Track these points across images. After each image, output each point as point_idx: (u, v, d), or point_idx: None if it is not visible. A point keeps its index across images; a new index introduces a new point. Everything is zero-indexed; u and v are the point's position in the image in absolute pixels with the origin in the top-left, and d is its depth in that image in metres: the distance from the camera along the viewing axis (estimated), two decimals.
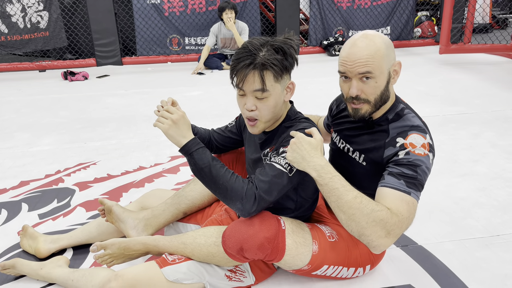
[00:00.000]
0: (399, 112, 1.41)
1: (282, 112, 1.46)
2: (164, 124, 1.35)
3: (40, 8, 5.78)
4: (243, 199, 1.30)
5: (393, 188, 1.29)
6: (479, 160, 2.60)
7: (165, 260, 1.46)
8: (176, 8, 6.05)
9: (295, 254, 1.38)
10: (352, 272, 1.52)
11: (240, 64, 1.31)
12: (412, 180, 1.29)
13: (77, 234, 1.82)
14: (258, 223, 1.33)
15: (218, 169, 1.32)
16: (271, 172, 1.33)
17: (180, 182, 2.43)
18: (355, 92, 1.35)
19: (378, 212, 1.24)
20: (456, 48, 5.35)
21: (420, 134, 1.34)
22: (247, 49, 1.31)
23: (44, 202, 2.25)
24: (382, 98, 1.37)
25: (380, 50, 1.31)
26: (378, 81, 1.33)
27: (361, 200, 1.25)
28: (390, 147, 1.35)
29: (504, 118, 3.33)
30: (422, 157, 1.31)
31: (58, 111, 3.91)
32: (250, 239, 1.31)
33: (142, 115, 3.71)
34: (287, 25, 6.19)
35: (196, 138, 1.36)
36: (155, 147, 2.97)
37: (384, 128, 1.40)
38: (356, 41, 1.34)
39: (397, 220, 1.25)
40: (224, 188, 1.31)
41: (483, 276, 1.60)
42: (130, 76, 5.33)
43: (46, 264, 1.63)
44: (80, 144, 3.08)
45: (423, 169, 1.30)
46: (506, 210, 2.05)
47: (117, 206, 1.69)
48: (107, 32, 5.86)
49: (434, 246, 1.79)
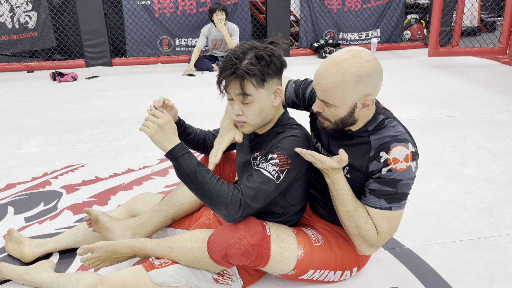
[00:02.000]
0: (379, 124, 1.39)
1: (273, 116, 1.46)
2: (150, 128, 1.35)
3: (28, 8, 5.72)
4: (228, 205, 1.30)
5: (373, 207, 1.39)
6: (466, 163, 2.63)
7: (152, 264, 1.45)
8: (166, 9, 6.03)
9: (280, 260, 1.39)
10: (339, 275, 1.52)
11: (223, 74, 1.36)
12: (392, 195, 1.37)
13: (63, 238, 1.80)
14: (243, 229, 1.34)
15: (203, 175, 1.32)
16: (258, 179, 1.34)
17: (169, 184, 2.42)
18: (315, 108, 1.38)
19: (362, 231, 1.39)
20: (445, 51, 5.40)
21: (402, 145, 1.33)
22: (230, 59, 1.35)
23: (30, 205, 2.23)
24: (344, 122, 1.35)
25: (346, 82, 1.26)
26: (336, 110, 1.32)
27: (352, 214, 1.39)
28: (375, 161, 1.36)
29: (491, 120, 3.37)
30: (404, 171, 1.34)
31: (46, 113, 3.87)
32: (234, 246, 1.32)
33: (132, 117, 3.69)
34: (277, 27, 6.20)
35: (182, 144, 1.36)
36: (144, 149, 2.95)
37: (366, 140, 1.39)
38: (329, 63, 1.29)
39: (379, 239, 1.41)
40: (209, 194, 1.32)
41: (469, 279, 1.62)
42: (120, 77, 5.30)
43: (31, 268, 1.61)
44: (68, 146, 3.06)
45: (404, 183, 1.36)
46: (492, 212, 2.08)
47: (103, 215, 1.67)
48: (97, 33, 5.82)
49: (421, 249, 1.80)
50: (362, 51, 1.29)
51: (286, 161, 1.36)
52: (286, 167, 1.36)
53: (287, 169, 1.36)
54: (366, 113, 1.36)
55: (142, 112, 3.81)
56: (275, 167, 1.35)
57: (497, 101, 3.87)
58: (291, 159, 1.37)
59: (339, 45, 6.40)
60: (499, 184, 2.35)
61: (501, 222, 1.99)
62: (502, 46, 5.26)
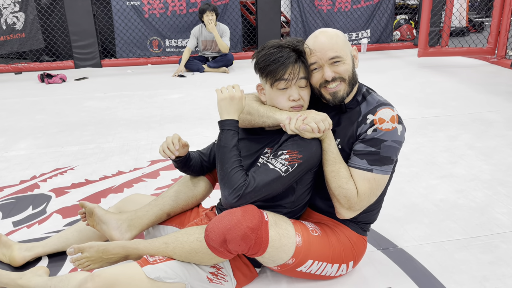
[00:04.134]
0: (365, 93, 1.53)
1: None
2: (223, 93, 1.48)
3: (16, 9, 5.63)
4: (231, 190, 1.39)
5: (355, 167, 1.44)
6: (457, 162, 2.64)
7: (146, 260, 1.43)
8: (156, 10, 5.98)
9: (278, 246, 1.39)
10: (336, 269, 1.52)
11: (286, 62, 1.44)
12: (374, 156, 1.42)
13: (53, 241, 1.77)
14: (241, 214, 1.35)
15: (232, 156, 1.42)
16: (264, 172, 1.40)
17: (160, 187, 2.40)
18: (330, 74, 1.45)
19: (344, 190, 1.43)
20: (434, 51, 5.43)
21: (388, 108, 1.45)
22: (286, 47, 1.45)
23: (18, 209, 2.18)
24: (354, 77, 1.49)
25: (339, 36, 1.47)
26: (346, 62, 1.46)
27: (334, 174, 1.44)
28: (362, 125, 1.45)
29: (481, 120, 3.39)
30: (389, 132, 1.42)
31: (34, 115, 3.81)
32: (233, 229, 1.31)
33: (122, 119, 3.65)
34: (268, 28, 6.19)
35: (237, 121, 1.47)
36: (134, 151, 2.92)
37: (356, 110, 1.50)
38: (318, 35, 1.48)
39: (358, 199, 1.43)
40: (225, 172, 1.41)
41: (462, 278, 1.62)
42: (110, 79, 5.25)
43: (25, 273, 1.59)
44: (57, 148, 3.01)
45: (388, 145, 1.41)
46: (483, 211, 2.09)
47: (98, 208, 1.65)
48: (86, 34, 5.75)
49: (414, 249, 1.80)
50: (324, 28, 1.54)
51: (296, 156, 1.41)
52: (296, 161, 1.41)
53: (297, 163, 1.41)
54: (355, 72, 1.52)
55: (132, 114, 3.78)
56: (284, 161, 1.41)
57: (487, 101, 3.90)
58: (302, 154, 1.42)
59: None
60: (490, 183, 2.37)
61: (493, 221, 2.00)
62: (491, 46, 5.31)
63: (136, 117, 3.68)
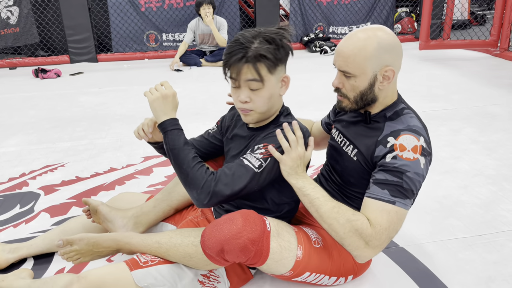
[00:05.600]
0: (398, 111, 1.37)
1: (276, 109, 1.41)
2: (153, 94, 1.36)
3: (10, 3, 5.54)
4: (198, 189, 1.27)
5: (376, 198, 1.28)
6: (460, 157, 2.56)
7: (137, 262, 1.34)
8: (153, 3, 5.89)
9: (278, 259, 1.28)
10: (333, 280, 1.43)
11: (232, 58, 1.29)
12: (397, 187, 1.26)
13: (37, 242, 1.70)
14: (242, 222, 1.21)
15: (186, 154, 1.31)
16: (237, 167, 1.30)
17: (153, 184, 2.32)
18: (335, 83, 1.36)
19: (353, 222, 1.26)
20: (436, 44, 5.34)
21: (413, 135, 1.29)
22: (239, 42, 1.29)
23: (5, 208, 2.11)
24: (364, 98, 1.34)
25: (366, 50, 1.27)
26: (357, 81, 1.31)
27: (338, 210, 1.28)
28: (381, 146, 1.31)
29: (484, 113, 3.31)
30: (410, 162, 1.26)
31: (27, 110, 3.73)
32: (232, 240, 1.19)
33: (116, 114, 3.57)
34: (267, 21, 6.09)
35: (176, 119, 1.36)
36: (128, 147, 2.84)
37: (380, 126, 1.36)
38: (350, 36, 1.32)
39: (373, 231, 1.26)
40: (185, 173, 1.30)
41: (467, 279, 1.54)
42: (105, 74, 5.15)
43: (8, 276, 1.52)
44: (48, 145, 2.93)
45: (409, 176, 1.26)
46: (488, 208, 2.01)
47: (103, 206, 1.59)
48: (81, 28, 5.66)
49: (416, 248, 1.72)
50: (383, 27, 1.33)
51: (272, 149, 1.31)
52: (270, 155, 1.31)
53: (271, 158, 1.31)
54: (387, 91, 1.36)
55: (127, 109, 3.69)
56: (259, 155, 1.30)
57: (490, 94, 3.81)
58: (279, 147, 1.31)
59: (329, 39, 6.31)
60: (494, 178, 2.28)
61: (498, 219, 1.92)
62: (493, 38, 5.21)
63: (131, 112, 3.60)
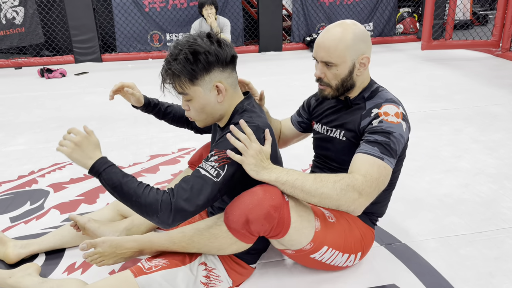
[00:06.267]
0: (374, 90, 1.51)
1: (225, 111, 1.41)
2: (67, 148, 1.29)
3: (15, 4, 5.60)
4: (158, 212, 1.21)
5: (366, 153, 1.37)
6: (461, 156, 2.60)
7: (141, 269, 1.38)
8: (156, 4, 5.93)
9: (300, 228, 1.33)
10: (345, 259, 1.49)
11: (161, 72, 1.36)
12: (385, 146, 1.37)
13: (48, 238, 1.74)
14: (262, 192, 1.26)
15: (129, 186, 1.24)
16: (194, 180, 1.26)
17: (160, 181, 2.36)
18: (317, 74, 1.48)
19: (341, 181, 1.30)
20: (438, 44, 5.37)
21: (393, 105, 1.43)
22: (166, 59, 1.34)
23: (16, 205, 2.15)
24: (344, 84, 1.47)
25: (345, 40, 1.41)
26: (339, 69, 1.44)
27: (321, 179, 1.31)
28: (366, 118, 1.44)
29: (486, 113, 3.34)
30: (395, 125, 1.39)
31: (33, 110, 3.78)
32: (255, 208, 1.24)
33: (121, 113, 3.61)
34: (269, 21, 6.13)
35: (104, 158, 1.29)
36: (134, 146, 2.89)
37: (361, 106, 1.49)
38: (328, 29, 1.45)
39: (363, 180, 1.31)
40: (138, 204, 1.23)
41: (468, 274, 1.58)
42: (110, 74, 5.20)
43: (15, 272, 1.55)
44: (55, 143, 2.93)
45: (395, 136, 1.38)
46: (489, 206, 2.04)
47: (90, 222, 1.61)
48: (86, 28, 5.71)
49: (418, 244, 1.76)
50: (352, 20, 1.47)
51: (224, 155, 1.28)
52: (225, 161, 1.27)
53: (227, 164, 1.27)
54: (363, 77, 1.49)
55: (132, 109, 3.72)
56: (214, 163, 1.27)
57: (491, 94, 3.84)
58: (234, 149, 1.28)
59: None
60: (495, 177, 2.32)
61: (499, 216, 1.95)
62: (495, 38, 5.24)
63: (136, 112, 3.62)
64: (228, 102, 1.39)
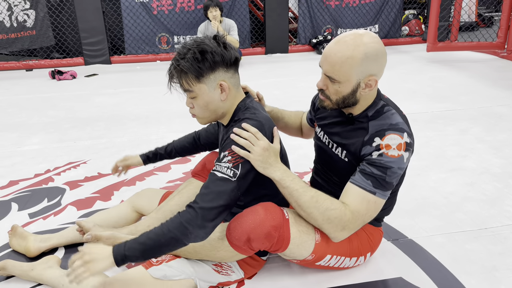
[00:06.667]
0: (379, 109, 1.42)
1: (227, 109, 1.46)
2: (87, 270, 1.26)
3: (26, 7, 5.70)
4: (188, 229, 1.26)
5: (359, 186, 1.37)
6: (467, 156, 2.64)
7: (150, 262, 1.47)
8: (164, 7, 6.02)
9: (299, 243, 1.40)
10: (354, 261, 1.55)
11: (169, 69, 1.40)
12: (379, 180, 1.35)
13: (67, 233, 1.81)
14: (263, 213, 1.34)
15: (150, 238, 1.27)
16: (213, 184, 1.31)
17: (172, 179, 2.43)
18: (319, 85, 1.41)
19: (332, 211, 1.35)
20: (443, 46, 5.41)
21: (397, 134, 1.35)
22: (174, 57, 1.39)
23: (34, 202, 2.23)
24: (345, 101, 1.39)
25: (353, 58, 1.30)
26: (341, 87, 1.36)
27: (317, 199, 1.36)
28: (368, 145, 1.38)
29: (491, 114, 3.38)
30: (395, 159, 1.34)
31: (46, 111, 3.87)
32: (257, 228, 1.32)
33: (132, 114, 3.69)
34: (276, 24, 6.20)
35: (115, 247, 1.28)
36: (145, 146, 2.96)
37: (364, 126, 1.42)
38: (338, 41, 1.34)
39: (351, 217, 1.36)
40: (171, 242, 1.27)
41: (473, 268, 1.63)
42: (119, 75, 5.29)
43: (36, 265, 1.61)
44: (69, 143, 3.06)
45: (393, 171, 1.35)
46: (493, 204, 2.09)
47: (95, 228, 1.67)
48: (95, 31, 5.81)
49: (424, 240, 1.82)
50: (370, 33, 1.36)
51: (237, 155, 1.33)
52: (239, 161, 1.33)
53: (241, 163, 1.33)
54: (367, 95, 1.40)
55: (142, 110, 3.82)
56: (228, 164, 1.33)
57: (496, 95, 3.88)
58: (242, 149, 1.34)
59: None
60: (500, 176, 2.37)
61: (503, 213, 2.00)
62: (500, 40, 5.27)
63: (146, 113, 3.72)
64: (231, 101, 1.45)
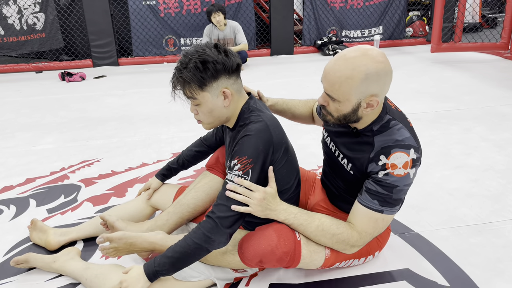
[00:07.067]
0: (385, 124, 1.38)
1: (231, 114, 1.50)
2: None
3: (36, 10, 5.81)
4: (211, 238, 1.34)
5: (365, 206, 1.40)
6: (471, 153, 2.70)
7: None
8: (171, 9, 6.11)
9: (309, 261, 1.48)
10: (362, 260, 1.61)
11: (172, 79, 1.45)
12: (386, 199, 1.37)
13: (85, 227, 1.88)
14: (276, 238, 1.39)
15: (177, 250, 1.35)
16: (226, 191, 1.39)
17: (184, 176, 2.50)
18: (320, 101, 1.38)
19: (339, 236, 1.43)
20: (447, 47, 5.46)
21: (403, 152, 1.32)
22: (177, 67, 1.42)
23: (51, 198, 2.31)
24: (347, 119, 1.36)
25: (353, 78, 1.26)
26: (340, 105, 1.33)
27: (322, 228, 1.43)
28: (373, 163, 1.36)
29: (494, 113, 3.44)
30: (401, 178, 1.34)
31: (57, 111, 3.95)
32: (269, 254, 1.39)
33: (142, 114, 3.77)
34: (281, 26, 6.28)
35: (145, 265, 1.38)
36: (156, 145, 3.03)
37: (370, 140, 1.39)
38: (339, 59, 1.30)
39: (358, 237, 1.44)
40: (197, 251, 1.35)
41: (477, 260, 1.69)
42: (127, 77, 5.38)
43: (58, 257, 1.67)
44: (82, 142, 3.14)
45: (399, 189, 1.36)
46: (497, 199, 2.15)
47: (118, 222, 1.72)
48: (103, 33, 5.90)
49: (430, 233, 1.88)
50: (374, 50, 1.29)
51: (246, 161, 1.38)
52: (248, 167, 1.38)
53: (250, 168, 1.38)
54: (371, 112, 1.36)
55: (152, 110, 3.90)
56: (238, 172, 1.38)
57: (500, 95, 3.94)
58: (251, 157, 1.38)
59: (342, 42, 6.47)
60: (504, 173, 2.42)
61: (507, 208, 2.06)
62: (504, 41, 5.32)
63: (156, 113, 3.80)
64: (234, 106, 1.49)
